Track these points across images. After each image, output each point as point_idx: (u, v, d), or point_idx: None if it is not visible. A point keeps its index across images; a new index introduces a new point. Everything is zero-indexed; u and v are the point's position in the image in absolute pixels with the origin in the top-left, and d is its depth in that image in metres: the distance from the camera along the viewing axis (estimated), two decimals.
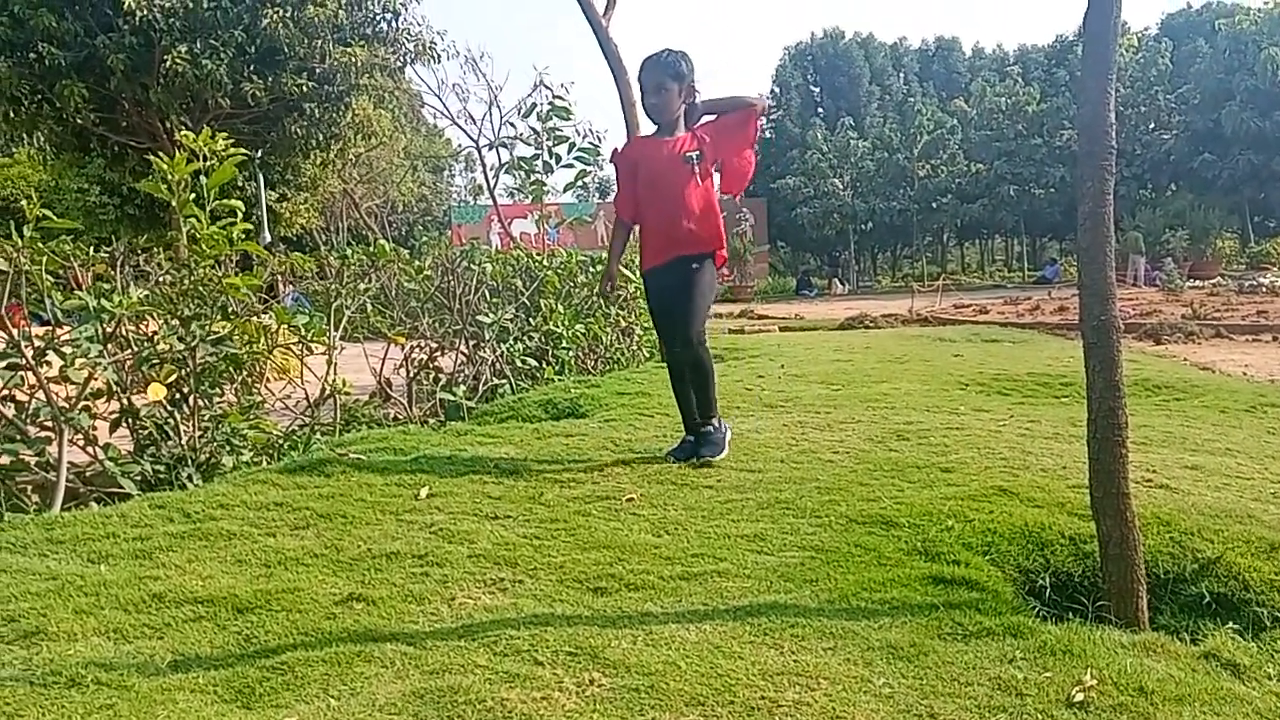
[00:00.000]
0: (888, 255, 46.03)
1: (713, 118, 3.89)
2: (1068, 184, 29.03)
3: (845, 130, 36.90)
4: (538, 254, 7.52)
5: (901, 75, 45.43)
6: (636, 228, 3.98)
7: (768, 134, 46.14)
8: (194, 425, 4.09)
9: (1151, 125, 29.89)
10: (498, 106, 26.26)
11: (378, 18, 18.64)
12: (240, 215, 4.21)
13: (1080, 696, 1.74)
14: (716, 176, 3.99)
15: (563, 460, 3.75)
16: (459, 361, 6.41)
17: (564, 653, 1.93)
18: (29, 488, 3.92)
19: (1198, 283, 19.14)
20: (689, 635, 2.02)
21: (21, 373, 3.85)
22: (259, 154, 18.98)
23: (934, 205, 34.42)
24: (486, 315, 6.28)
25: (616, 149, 4.11)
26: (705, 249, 3.80)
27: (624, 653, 1.93)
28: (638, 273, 8.45)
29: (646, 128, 5.70)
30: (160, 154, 4.17)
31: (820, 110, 43.45)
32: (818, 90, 45.74)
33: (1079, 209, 2.13)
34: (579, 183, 8.46)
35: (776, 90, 46.56)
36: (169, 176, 4.04)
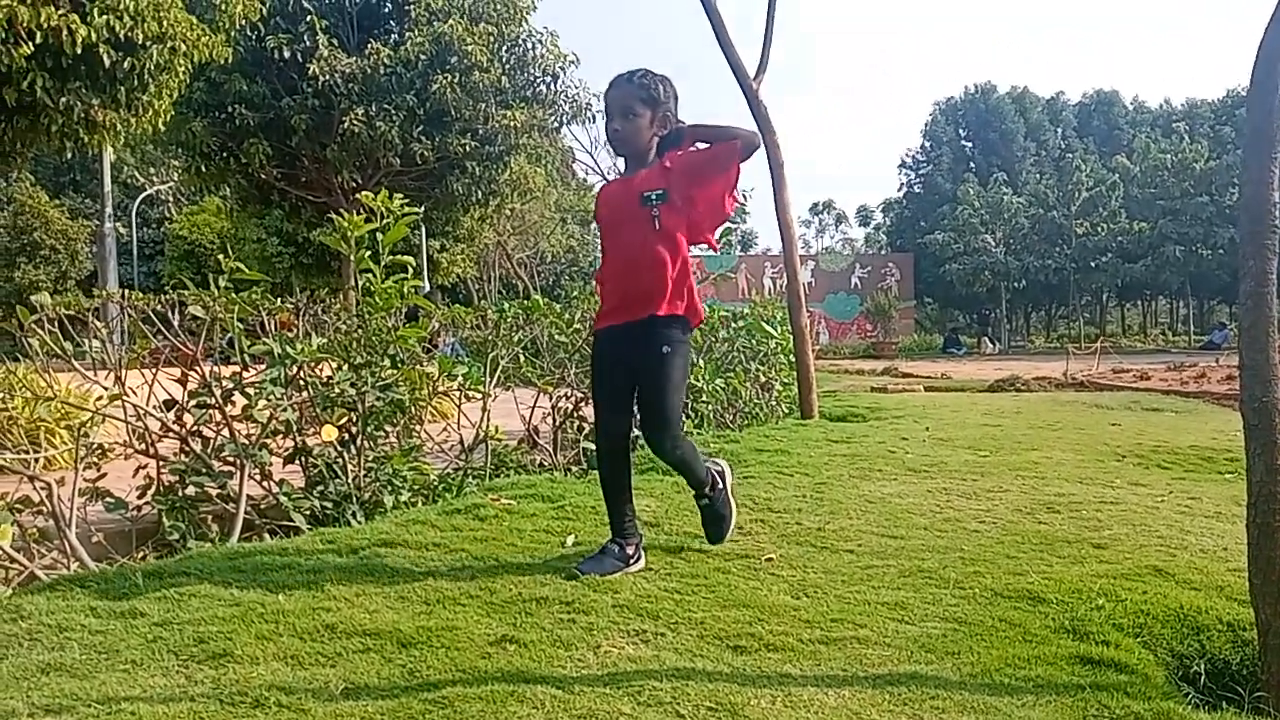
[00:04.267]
0: (1042, 315, 44.48)
1: (704, 148, 3.16)
2: (1238, 245, 27.53)
3: (998, 186, 36.07)
4: None
5: (1059, 130, 44.12)
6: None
7: (917, 188, 45.55)
8: (360, 465, 4.37)
9: None
10: None
11: (538, 81, 19.55)
12: (411, 271, 4.51)
13: None
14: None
15: None
16: None
17: (705, 707, 2.00)
18: (209, 517, 4.26)
19: None
20: (828, 699, 2.05)
21: (210, 411, 4.22)
22: (423, 208, 20.03)
23: (1093, 264, 33.16)
24: None
25: (598, 194, 3.46)
26: (665, 312, 3.05)
27: (764, 712, 1.98)
28: (776, 329, 8.52)
29: (792, 185, 5.66)
30: (335, 208, 4.55)
31: (972, 165, 42.62)
32: (970, 145, 44.95)
33: (1240, 286, 2.09)
34: (724, 239, 8.59)
35: (927, 145, 45.99)
36: (348, 233, 4.37)
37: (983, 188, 36.92)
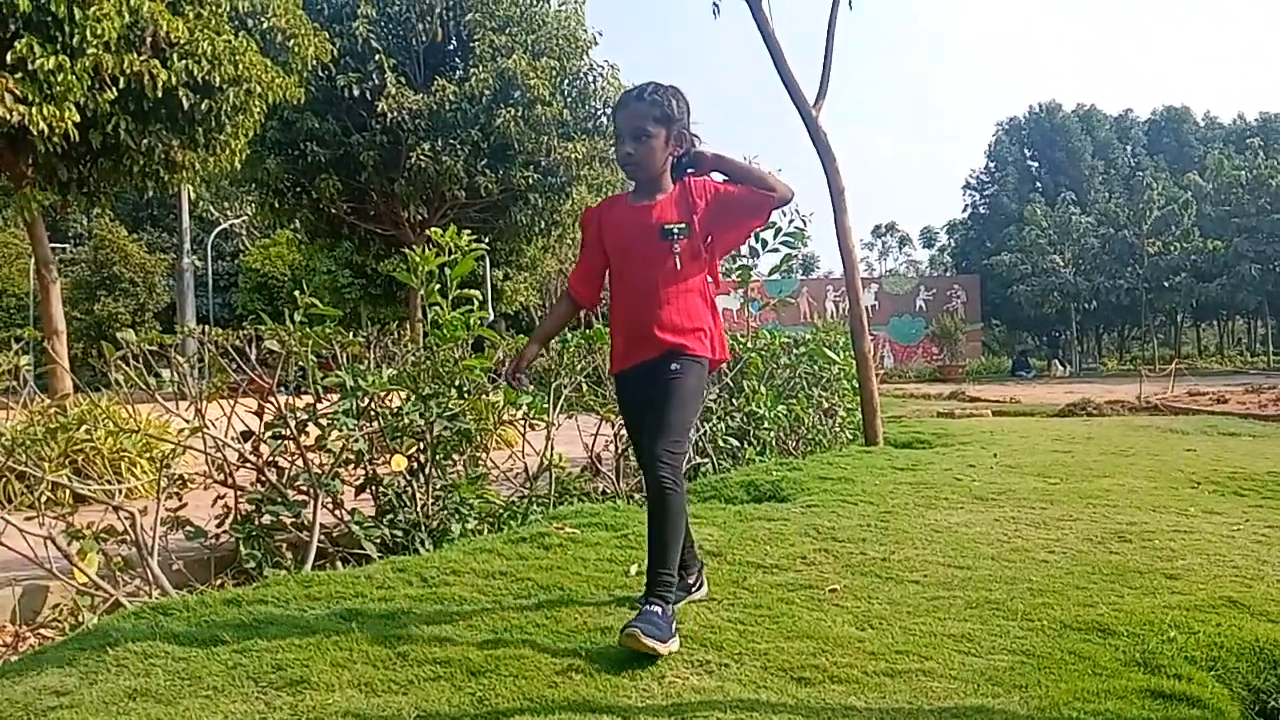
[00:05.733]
0: (1114, 336, 43.51)
1: (720, 179, 2.96)
2: None
3: (1066, 205, 35.46)
4: (741, 335, 7.67)
5: (1128, 148, 43.28)
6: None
7: (981, 209, 44.94)
8: (428, 493, 4.46)
9: None
10: None
11: (599, 113, 19.81)
12: (477, 303, 4.61)
13: None
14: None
15: (765, 545, 3.82)
16: None
17: None
18: (284, 545, 4.38)
19: None
20: None
21: (285, 441, 4.35)
22: (487, 239, 20.38)
23: (1166, 284, 32.38)
24: None
25: (589, 208, 3.21)
26: (684, 351, 2.82)
27: None
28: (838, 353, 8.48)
29: (853, 208, 5.59)
30: (403, 241, 4.68)
31: (1038, 185, 41.98)
32: (1035, 165, 44.31)
33: None
34: (785, 265, 8.57)
35: (991, 165, 45.45)
36: (418, 268, 4.50)
37: (1050, 207, 36.35)
